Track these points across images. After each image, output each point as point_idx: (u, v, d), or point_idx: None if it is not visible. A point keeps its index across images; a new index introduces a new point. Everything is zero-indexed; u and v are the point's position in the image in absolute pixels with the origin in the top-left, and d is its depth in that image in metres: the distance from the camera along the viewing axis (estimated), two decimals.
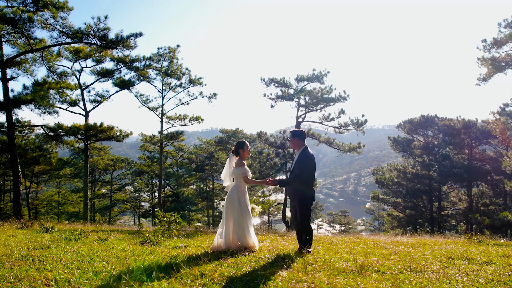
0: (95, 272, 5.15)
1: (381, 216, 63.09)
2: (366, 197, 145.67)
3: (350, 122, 30.45)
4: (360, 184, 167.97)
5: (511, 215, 25.28)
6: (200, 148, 50.91)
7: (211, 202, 46.81)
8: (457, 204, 40.84)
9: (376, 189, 43.98)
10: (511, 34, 24.47)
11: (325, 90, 29.87)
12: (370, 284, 4.78)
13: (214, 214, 50.41)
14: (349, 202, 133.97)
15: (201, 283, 4.64)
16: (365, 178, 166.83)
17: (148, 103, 33.57)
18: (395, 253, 7.86)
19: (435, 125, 39.32)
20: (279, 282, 4.69)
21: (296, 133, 7.69)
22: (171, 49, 31.75)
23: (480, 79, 27.04)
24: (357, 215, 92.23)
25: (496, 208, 38.13)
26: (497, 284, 5.20)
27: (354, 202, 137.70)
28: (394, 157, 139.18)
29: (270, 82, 31.00)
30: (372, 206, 65.13)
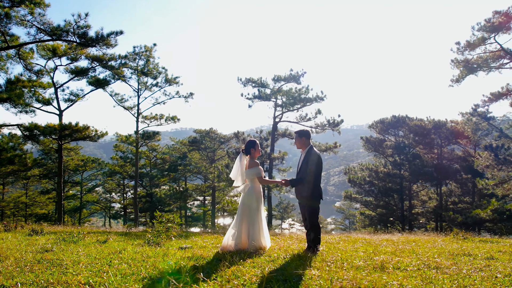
0: (123, 275, 5.04)
1: (351, 215, 63.96)
2: (336, 196, 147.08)
3: (326, 122, 30.76)
4: (329, 183, 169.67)
5: (483, 213, 26.04)
6: (173, 148, 50.46)
7: (185, 203, 46.48)
8: (427, 203, 41.74)
9: (346, 188, 44.62)
10: (484, 37, 25.25)
11: (302, 90, 30.08)
12: (406, 281, 4.83)
13: (187, 215, 50.03)
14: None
15: (239, 283, 4.61)
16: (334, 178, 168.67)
17: (124, 103, 33.06)
18: (399, 250, 7.99)
19: (406, 125, 40.08)
20: (318, 280, 4.70)
21: (303, 133, 7.73)
22: (147, 48, 31.36)
23: (453, 80, 27.78)
24: (327, 214, 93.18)
25: (464, 206, 39.22)
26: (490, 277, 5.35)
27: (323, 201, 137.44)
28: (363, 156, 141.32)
29: (247, 82, 31.01)
30: (343, 205, 65.89)
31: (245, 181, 7.72)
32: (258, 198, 7.56)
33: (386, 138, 41.50)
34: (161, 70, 32.77)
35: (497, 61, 26.82)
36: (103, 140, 31.53)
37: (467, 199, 40.37)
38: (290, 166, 33.79)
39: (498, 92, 27.55)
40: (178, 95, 33.67)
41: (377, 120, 41.25)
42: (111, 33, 23.17)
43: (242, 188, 7.72)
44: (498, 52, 26.40)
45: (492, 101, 27.91)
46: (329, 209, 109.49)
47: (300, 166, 7.71)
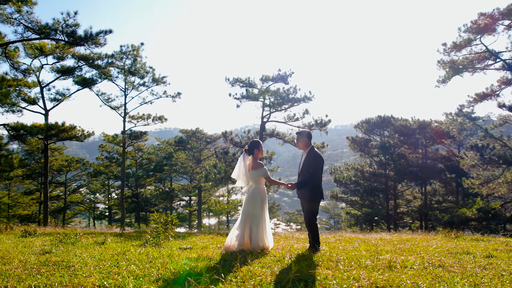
0: (135, 277, 4.99)
1: (336, 215, 64.32)
2: None
3: (314, 122, 30.83)
4: None
5: (469, 212, 26.41)
6: (158, 148, 50.20)
7: (171, 203, 46.27)
8: (412, 202, 42.24)
9: (331, 188, 44.86)
10: (470, 39, 25.63)
11: (290, 90, 30.11)
12: (418, 279, 4.87)
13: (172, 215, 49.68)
14: None
15: (256, 283, 4.60)
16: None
17: (110, 102, 32.70)
18: (399, 249, 8.07)
19: (391, 125, 40.39)
20: (334, 280, 4.71)
21: (305, 134, 7.79)
22: (134, 47, 31.08)
23: (440, 81, 28.13)
24: None
25: (449, 205, 39.82)
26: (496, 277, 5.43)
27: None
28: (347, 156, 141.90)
29: (235, 82, 30.91)
30: (328, 204, 66.20)
31: (249, 182, 7.69)
32: (262, 198, 7.58)
33: (371, 138, 41.80)
34: (149, 69, 32.57)
35: (482, 62, 27.25)
36: (86, 140, 31.16)
37: (451, 198, 40.99)
38: (278, 166, 33.93)
39: (482, 93, 27.97)
40: (166, 94, 33.46)
41: (362, 120, 41.50)
42: (100, 32, 22.96)
43: (246, 189, 7.71)
44: (483, 54, 26.83)
45: (477, 101, 28.34)
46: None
47: (302, 167, 7.77)
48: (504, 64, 26.81)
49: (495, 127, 28.04)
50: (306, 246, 8.27)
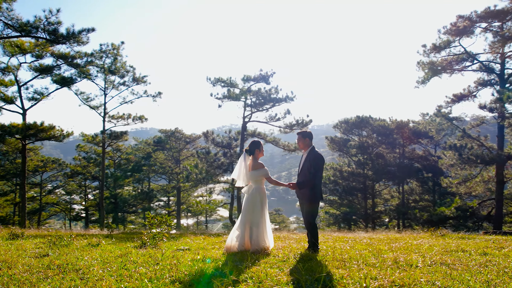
0: (149, 279, 4.93)
1: None
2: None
3: (295, 122, 30.97)
4: None
5: (447, 211, 26.93)
6: (136, 148, 49.66)
7: (149, 204, 45.85)
8: (390, 201, 42.84)
9: None
10: (449, 40, 26.13)
11: (272, 90, 30.19)
12: (430, 277, 4.94)
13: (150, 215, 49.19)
14: (281, 201, 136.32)
15: (273, 284, 4.59)
16: (295, 177, 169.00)
17: (90, 102, 32.14)
18: (396, 248, 8.16)
19: (369, 125, 40.86)
20: (352, 279, 4.74)
21: (306, 134, 7.82)
22: (114, 46, 30.64)
23: (419, 81, 28.62)
24: (289, 213, 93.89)
25: (425, 204, 40.54)
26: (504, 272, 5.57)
27: (285, 201, 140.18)
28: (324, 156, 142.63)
29: (216, 81, 30.80)
30: None
31: (249, 182, 7.67)
32: (262, 199, 7.58)
33: (350, 138, 42.21)
34: (129, 68, 32.14)
35: (460, 64, 27.83)
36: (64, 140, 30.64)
37: (427, 197, 41.74)
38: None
39: (460, 94, 28.55)
40: (146, 94, 33.08)
41: (341, 120, 41.86)
42: (83, 30, 22.59)
43: (246, 189, 7.69)
44: (461, 55, 27.40)
45: (455, 102, 28.90)
46: (291, 208, 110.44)
47: (302, 166, 7.80)
48: (481, 65, 27.43)
49: (472, 127, 28.61)
50: (305, 246, 8.31)
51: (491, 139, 29.37)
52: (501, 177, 26.47)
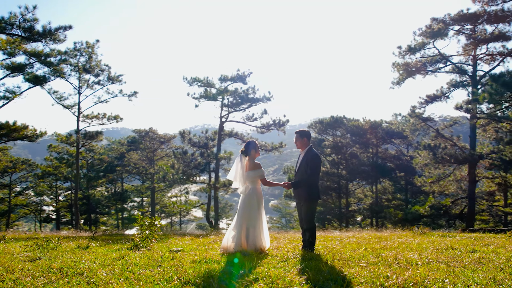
0: (158, 281, 4.86)
1: (288, 214, 65.05)
2: (270, 195, 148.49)
3: (272, 122, 31.08)
4: None
5: (422, 209, 27.48)
6: (109, 148, 48.90)
7: (123, 204, 45.23)
8: (363, 200, 43.42)
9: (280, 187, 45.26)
10: (424, 42, 26.66)
11: (249, 90, 30.23)
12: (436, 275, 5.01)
13: (123, 216, 48.62)
14: None
15: (286, 284, 4.58)
16: (268, 177, 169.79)
17: (63, 101, 31.31)
18: (387, 247, 8.27)
19: (343, 125, 41.30)
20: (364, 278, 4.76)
21: (304, 134, 7.83)
22: (89, 44, 30.00)
23: (394, 82, 29.13)
24: None
25: (398, 203, 41.30)
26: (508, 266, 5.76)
27: None
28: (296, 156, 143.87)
29: (193, 81, 30.64)
30: (280, 204, 66.97)
31: (245, 182, 7.64)
32: (259, 199, 7.57)
33: (324, 138, 42.58)
34: (104, 67, 31.50)
35: (434, 65, 28.45)
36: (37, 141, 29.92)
37: (399, 196, 42.51)
38: None
39: (433, 94, 29.19)
40: (122, 93, 32.52)
41: (316, 120, 42.16)
42: (60, 28, 22.10)
43: (242, 189, 7.66)
44: (435, 57, 27.99)
45: (428, 102, 29.53)
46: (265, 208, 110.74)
47: (299, 166, 7.83)
48: (454, 67, 28.10)
49: (446, 127, 29.30)
50: (297, 246, 8.34)
51: (464, 139, 30.12)
52: (473, 176, 27.19)
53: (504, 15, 24.70)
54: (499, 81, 16.50)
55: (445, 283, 4.65)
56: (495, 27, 26.02)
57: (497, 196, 33.33)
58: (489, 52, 26.70)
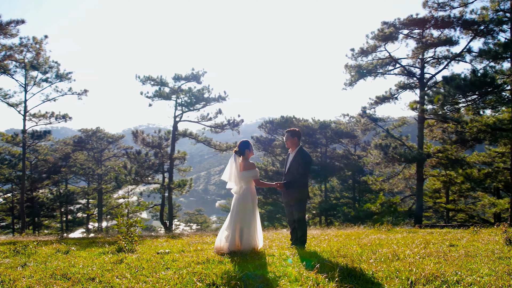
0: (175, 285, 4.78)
1: None
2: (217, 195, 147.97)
3: (226, 122, 31.08)
4: (210, 182, 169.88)
5: (373, 207, 28.40)
6: (53, 149, 47.00)
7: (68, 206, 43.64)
8: (312, 199, 44.24)
9: (226, 187, 45.44)
10: (376, 45, 27.54)
11: (204, 90, 30.07)
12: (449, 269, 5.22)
13: (68, 219, 46.92)
14: (200, 201, 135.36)
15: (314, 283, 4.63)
16: (215, 177, 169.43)
17: (8, 99, 29.77)
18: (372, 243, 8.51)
19: (293, 125, 41.88)
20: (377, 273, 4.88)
21: (295, 133, 7.91)
22: (36, 40, 28.63)
23: (347, 84, 29.89)
24: (209, 213, 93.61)
25: (346, 201, 42.49)
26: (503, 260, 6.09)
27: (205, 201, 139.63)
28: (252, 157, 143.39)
29: (146, 80, 30.10)
30: (228, 204, 66.84)
31: (240, 183, 7.62)
32: (253, 199, 7.59)
33: (274, 137, 43.01)
34: (53, 64, 30.18)
35: (384, 68, 29.43)
36: None
37: (347, 194, 43.74)
38: (190, 167, 33.56)
39: (382, 96, 30.23)
40: (71, 92, 31.39)
41: (266, 121, 42.53)
42: (11, 22, 20.99)
43: (237, 189, 7.64)
44: (385, 60, 28.99)
45: (378, 103, 30.54)
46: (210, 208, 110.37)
47: (289, 166, 7.88)
48: (403, 69, 29.22)
49: (395, 127, 30.42)
50: (284, 244, 8.41)
51: (411, 139, 31.41)
52: (421, 175, 28.39)
53: (450, 21, 25.93)
54: (452, 84, 17.35)
55: (459, 275, 4.86)
56: (441, 32, 27.27)
57: (440, 193, 35.06)
58: (436, 56, 27.97)
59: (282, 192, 8.05)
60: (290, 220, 8.08)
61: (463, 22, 25.57)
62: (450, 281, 4.56)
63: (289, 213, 8.01)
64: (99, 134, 43.52)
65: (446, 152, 27.47)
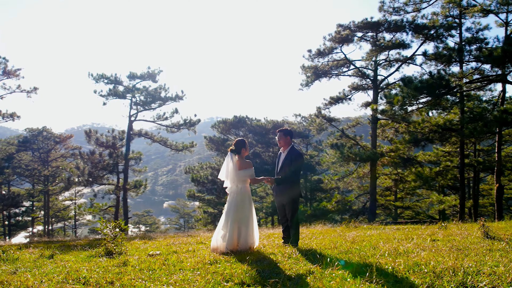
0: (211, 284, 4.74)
1: (186, 214, 64.52)
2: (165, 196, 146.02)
3: (183, 121, 30.77)
4: (157, 183, 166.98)
5: (329, 205, 29.02)
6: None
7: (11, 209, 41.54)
8: (265, 198, 44.62)
9: (175, 187, 45.12)
10: (333, 47, 28.15)
11: (160, 89, 29.63)
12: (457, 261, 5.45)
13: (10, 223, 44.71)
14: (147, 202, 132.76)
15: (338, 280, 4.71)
16: (162, 177, 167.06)
17: None
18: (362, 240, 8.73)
19: (246, 125, 42.10)
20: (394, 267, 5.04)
21: (288, 132, 7.98)
22: None
23: (303, 84, 30.38)
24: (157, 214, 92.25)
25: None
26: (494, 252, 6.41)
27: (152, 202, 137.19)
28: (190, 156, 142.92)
29: (99, 78, 29.27)
30: (178, 204, 66.28)
31: (237, 181, 7.61)
32: (250, 198, 7.61)
33: (227, 137, 42.99)
34: (0, 60, 28.78)
35: (339, 69, 30.16)
36: None
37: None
38: (146, 167, 32.97)
39: (336, 96, 30.96)
40: (20, 89, 29.94)
41: (219, 120, 42.44)
42: None
43: (233, 188, 7.62)
44: (341, 61, 29.70)
45: (332, 104, 31.25)
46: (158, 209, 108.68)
47: (282, 164, 7.93)
48: (358, 71, 30.04)
49: (349, 127, 31.22)
50: (276, 242, 8.47)
51: (364, 139, 32.35)
52: (374, 173, 29.32)
53: (402, 25, 26.95)
54: (411, 86, 18.04)
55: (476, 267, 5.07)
56: (393, 35, 28.27)
57: (391, 191, 36.35)
58: (388, 59, 28.96)
59: (275, 191, 8.08)
60: (282, 219, 8.14)
61: (415, 26, 26.65)
62: (470, 272, 4.78)
63: (282, 212, 8.05)
64: (45, 133, 41.82)
65: (398, 151, 28.50)
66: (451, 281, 4.49)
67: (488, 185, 38.17)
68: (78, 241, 12.16)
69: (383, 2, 25.69)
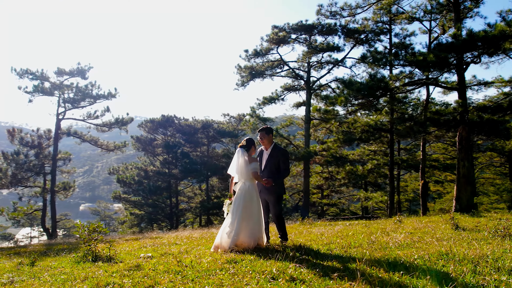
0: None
1: (107, 216, 62.23)
2: (81, 198, 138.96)
3: (114, 120, 29.74)
4: None
5: None
6: None
7: None
8: (193, 199, 44.28)
9: (92, 189, 43.63)
10: (269, 48, 28.57)
11: (91, 86, 28.39)
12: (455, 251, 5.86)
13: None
14: (61, 205, 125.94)
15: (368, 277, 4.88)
16: (78, 179, 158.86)
17: None
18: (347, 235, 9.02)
19: (174, 124, 41.62)
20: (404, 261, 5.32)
21: (270, 130, 7.98)
22: None
23: (239, 84, 30.53)
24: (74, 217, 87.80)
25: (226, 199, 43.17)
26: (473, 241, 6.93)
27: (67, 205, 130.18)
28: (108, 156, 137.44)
29: (23, 73, 27.42)
30: (98, 207, 63.72)
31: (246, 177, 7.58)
32: (258, 195, 7.59)
33: (155, 137, 42.20)
34: None
35: (273, 69, 30.66)
36: None
37: (227, 193, 44.46)
38: (74, 168, 31.40)
39: (269, 97, 31.44)
40: None
41: (146, 120, 41.62)
42: None
43: (241, 185, 7.59)
44: (276, 62, 30.21)
45: (266, 104, 31.67)
46: (75, 212, 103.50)
47: (267, 163, 7.89)
48: (293, 72, 30.72)
49: (283, 127, 31.82)
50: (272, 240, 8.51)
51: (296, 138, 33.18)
52: (308, 172, 30.17)
53: (335, 28, 27.96)
54: (353, 87, 18.77)
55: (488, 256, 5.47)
56: (325, 38, 29.25)
57: (317, 189, 37.55)
58: (321, 61, 29.91)
59: (260, 189, 7.98)
60: (265, 217, 8.08)
61: (347, 30, 27.74)
62: (496, 258, 5.19)
63: (266, 209, 8.02)
64: None
65: (330, 150, 29.53)
66: (486, 266, 4.85)
67: (405, 182, 40.62)
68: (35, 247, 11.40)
69: (321, 5, 26.45)
